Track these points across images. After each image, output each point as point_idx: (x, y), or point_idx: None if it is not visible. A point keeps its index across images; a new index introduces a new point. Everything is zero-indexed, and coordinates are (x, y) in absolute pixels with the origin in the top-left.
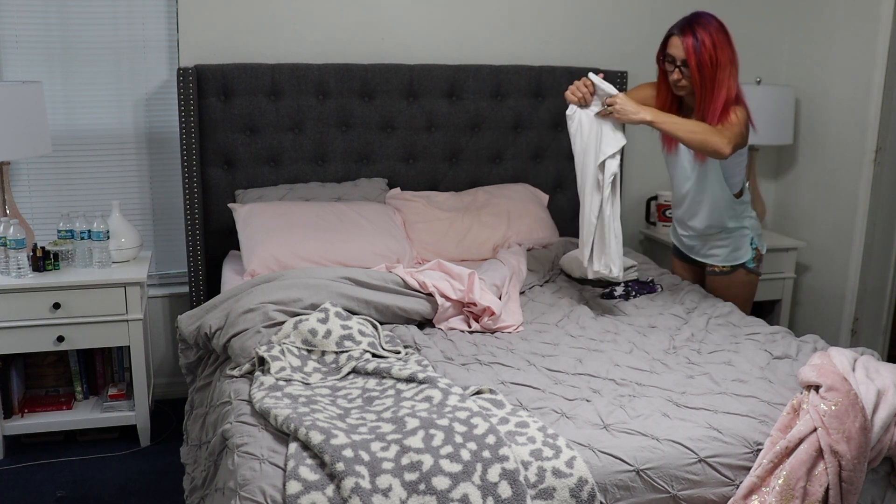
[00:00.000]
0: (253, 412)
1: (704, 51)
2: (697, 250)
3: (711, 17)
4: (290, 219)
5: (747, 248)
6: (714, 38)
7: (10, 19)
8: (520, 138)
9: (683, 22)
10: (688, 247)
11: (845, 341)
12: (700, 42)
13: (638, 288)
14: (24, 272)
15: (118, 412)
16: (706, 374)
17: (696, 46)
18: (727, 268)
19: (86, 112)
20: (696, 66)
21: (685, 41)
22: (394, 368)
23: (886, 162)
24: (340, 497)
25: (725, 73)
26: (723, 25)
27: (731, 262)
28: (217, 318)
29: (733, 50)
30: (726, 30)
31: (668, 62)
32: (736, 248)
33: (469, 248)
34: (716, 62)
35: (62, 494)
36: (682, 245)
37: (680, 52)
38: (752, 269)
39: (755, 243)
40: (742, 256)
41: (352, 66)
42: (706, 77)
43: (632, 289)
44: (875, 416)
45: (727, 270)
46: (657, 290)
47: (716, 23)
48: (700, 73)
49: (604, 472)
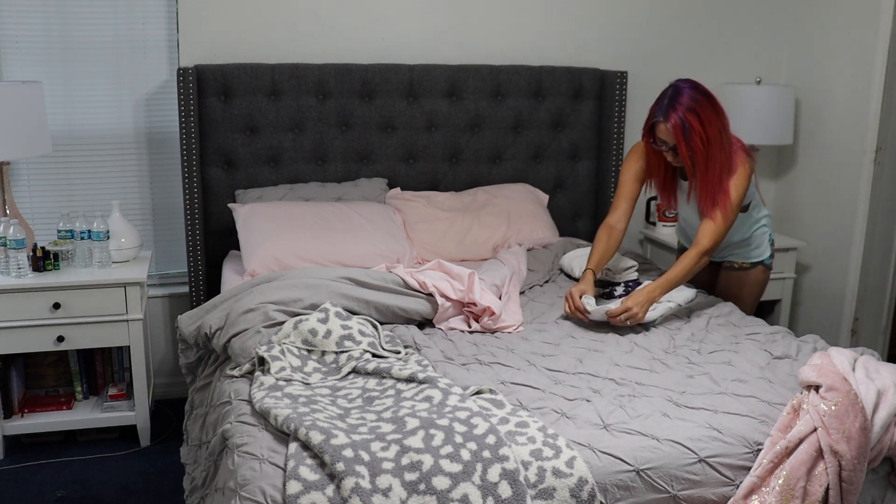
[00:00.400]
0: (253, 412)
1: (693, 133)
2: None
3: (693, 90)
4: (290, 219)
5: (766, 245)
6: (701, 115)
7: (10, 19)
8: (520, 138)
9: (667, 105)
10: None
11: (845, 341)
12: (688, 125)
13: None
14: (24, 272)
15: (118, 412)
16: (706, 373)
17: (685, 130)
18: (747, 264)
19: (86, 112)
20: (687, 150)
21: (672, 126)
22: (394, 368)
23: (886, 162)
24: (340, 497)
25: (717, 147)
26: (706, 94)
27: (753, 259)
28: (217, 318)
29: (722, 115)
30: (710, 96)
31: (660, 144)
32: (757, 245)
33: (469, 248)
34: (706, 140)
35: (62, 494)
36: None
37: (669, 138)
38: (769, 265)
39: (772, 237)
40: (763, 253)
41: (352, 66)
42: (698, 158)
43: (631, 289)
44: (875, 416)
45: (746, 267)
46: None
47: (699, 95)
48: (692, 156)
49: (604, 472)
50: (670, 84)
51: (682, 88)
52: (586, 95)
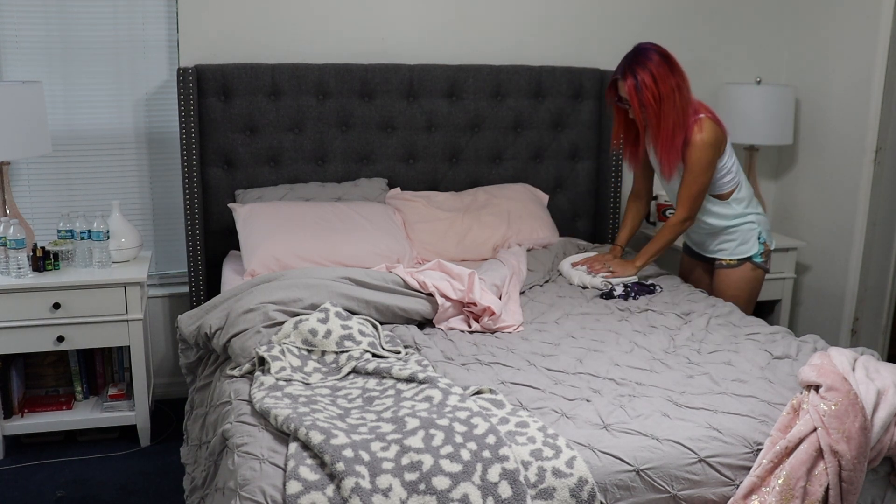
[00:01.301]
0: (253, 412)
1: (646, 90)
2: (706, 246)
3: (651, 51)
4: (290, 219)
5: (755, 241)
6: (654, 73)
7: (10, 19)
8: (520, 138)
9: (624, 64)
10: (696, 243)
11: (845, 341)
12: (640, 83)
13: (637, 289)
14: (24, 272)
15: (118, 412)
16: (706, 373)
17: (638, 87)
18: (734, 261)
19: (86, 112)
20: (639, 106)
21: (627, 84)
22: (394, 368)
23: (886, 162)
24: (340, 497)
25: (670, 105)
26: (664, 55)
27: (739, 256)
28: (217, 318)
29: (679, 74)
30: (668, 57)
31: (623, 103)
32: (743, 241)
33: (469, 248)
34: (658, 97)
35: (62, 494)
36: (690, 242)
37: (626, 94)
38: (760, 263)
39: (763, 237)
40: (749, 250)
41: (352, 66)
42: (650, 114)
43: (631, 290)
44: (875, 416)
45: (734, 264)
46: (656, 291)
47: (655, 56)
48: (644, 111)
49: (604, 472)
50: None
51: (643, 49)
52: (586, 95)
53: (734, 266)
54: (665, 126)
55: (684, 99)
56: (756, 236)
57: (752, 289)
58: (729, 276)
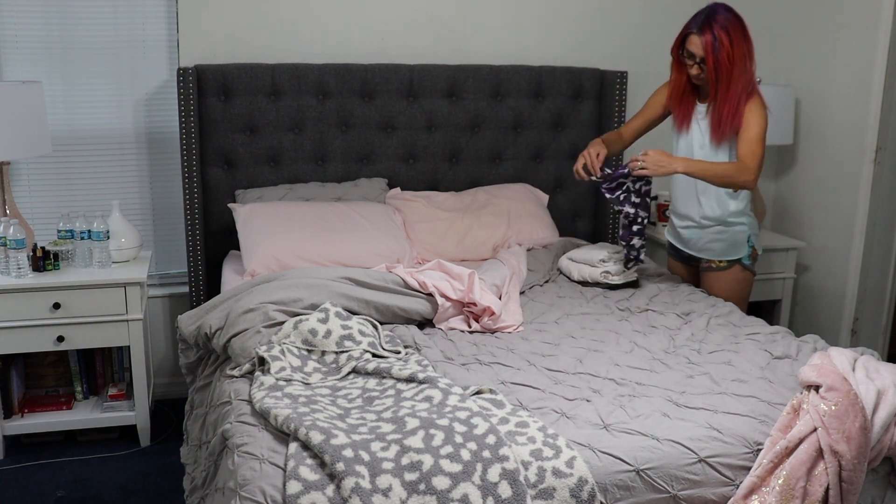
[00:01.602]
0: (253, 412)
1: (722, 49)
2: (694, 243)
3: (728, 11)
4: (290, 219)
5: (744, 244)
6: (731, 35)
7: (10, 19)
8: (520, 138)
9: (702, 19)
10: (685, 240)
11: (845, 341)
12: (718, 41)
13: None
14: (24, 272)
15: (118, 412)
16: (706, 373)
17: (715, 45)
18: (724, 263)
19: (86, 112)
20: (714, 64)
21: (704, 39)
22: (394, 368)
23: (886, 162)
24: (340, 497)
25: (741, 69)
26: (739, 18)
27: (728, 257)
28: (217, 318)
29: (749, 42)
30: (742, 22)
31: (687, 57)
32: (733, 243)
33: (469, 248)
34: (732, 59)
35: (62, 494)
36: (678, 239)
37: (699, 50)
38: (748, 266)
39: (752, 241)
40: (739, 252)
41: (352, 66)
42: (722, 74)
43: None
44: (875, 416)
45: (723, 266)
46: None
47: (733, 17)
48: (717, 70)
49: (604, 472)
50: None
51: (718, 7)
52: (586, 95)
53: (723, 269)
54: (734, 89)
55: (751, 69)
56: (746, 239)
57: (742, 290)
58: (719, 278)
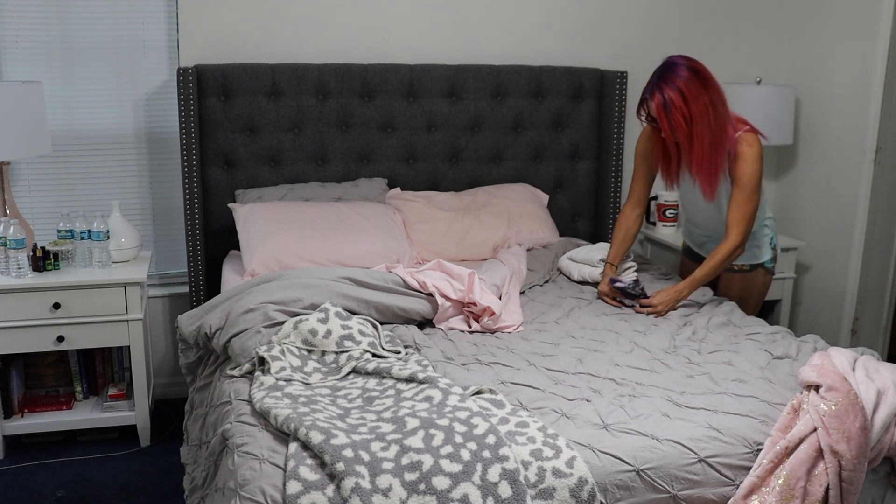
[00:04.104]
0: (253, 412)
1: (675, 110)
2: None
3: (681, 66)
4: (290, 219)
5: (767, 247)
6: (685, 92)
7: (10, 19)
8: (520, 138)
9: (652, 81)
10: (699, 244)
11: (845, 341)
12: (669, 102)
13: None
14: (24, 272)
15: (118, 412)
16: (706, 373)
17: (666, 107)
18: (747, 266)
19: (86, 112)
20: (669, 127)
21: (654, 103)
22: (394, 368)
23: (886, 162)
24: (340, 497)
25: (703, 124)
26: (695, 70)
27: (752, 261)
28: (217, 318)
29: (713, 89)
30: (700, 72)
31: (650, 121)
32: (757, 246)
33: (469, 248)
34: (689, 117)
35: (62, 494)
36: (696, 243)
37: (655, 113)
38: (771, 268)
39: (774, 242)
40: (763, 255)
41: (352, 66)
42: (680, 135)
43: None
44: (875, 416)
45: (746, 269)
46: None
47: (685, 71)
48: (674, 132)
49: (604, 472)
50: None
51: (672, 64)
52: (586, 95)
53: (746, 271)
54: (699, 146)
55: (720, 116)
56: (769, 241)
57: (762, 292)
58: (740, 280)
